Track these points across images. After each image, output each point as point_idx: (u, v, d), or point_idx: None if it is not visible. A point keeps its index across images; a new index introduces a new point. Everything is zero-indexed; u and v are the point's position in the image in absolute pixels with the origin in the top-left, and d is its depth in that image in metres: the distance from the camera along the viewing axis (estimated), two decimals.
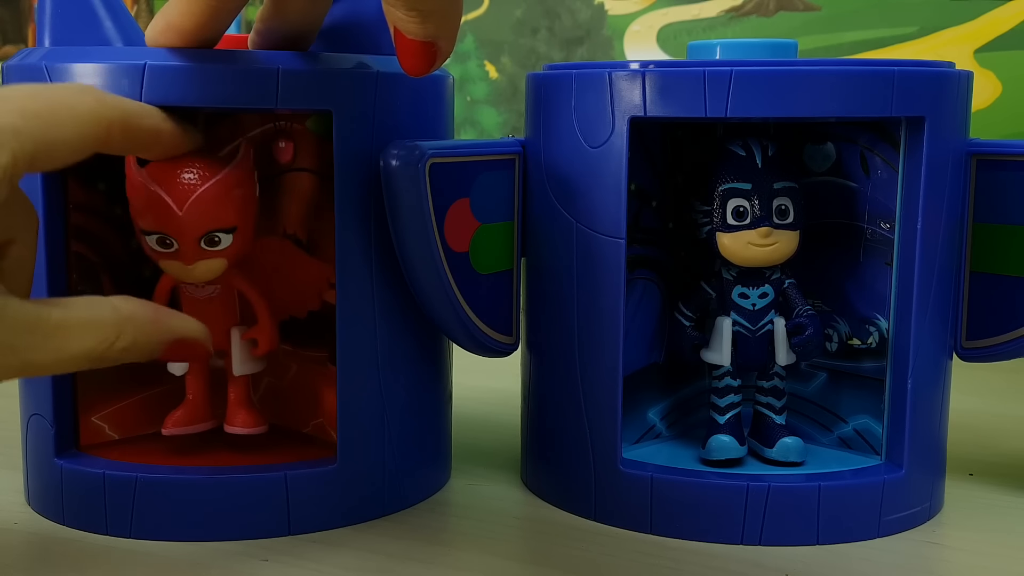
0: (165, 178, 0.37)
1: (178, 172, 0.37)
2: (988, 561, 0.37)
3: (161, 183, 0.37)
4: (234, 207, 0.37)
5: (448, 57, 0.34)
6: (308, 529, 0.39)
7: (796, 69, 0.37)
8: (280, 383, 0.45)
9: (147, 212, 0.37)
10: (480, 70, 0.90)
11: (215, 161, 0.37)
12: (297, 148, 0.43)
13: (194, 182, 0.37)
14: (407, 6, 0.32)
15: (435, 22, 0.32)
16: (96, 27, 0.40)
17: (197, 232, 0.37)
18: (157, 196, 0.36)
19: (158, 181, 0.37)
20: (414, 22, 0.32)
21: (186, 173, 0.37)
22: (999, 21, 0.75)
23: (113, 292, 0.40)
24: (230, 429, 0.41)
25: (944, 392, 0.41)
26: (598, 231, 0.39)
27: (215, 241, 0.37)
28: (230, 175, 0.37)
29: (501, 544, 0.38)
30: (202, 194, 0.37)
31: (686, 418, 0.46)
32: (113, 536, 0.38)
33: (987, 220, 0.40)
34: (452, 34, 0.33)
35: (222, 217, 0.37)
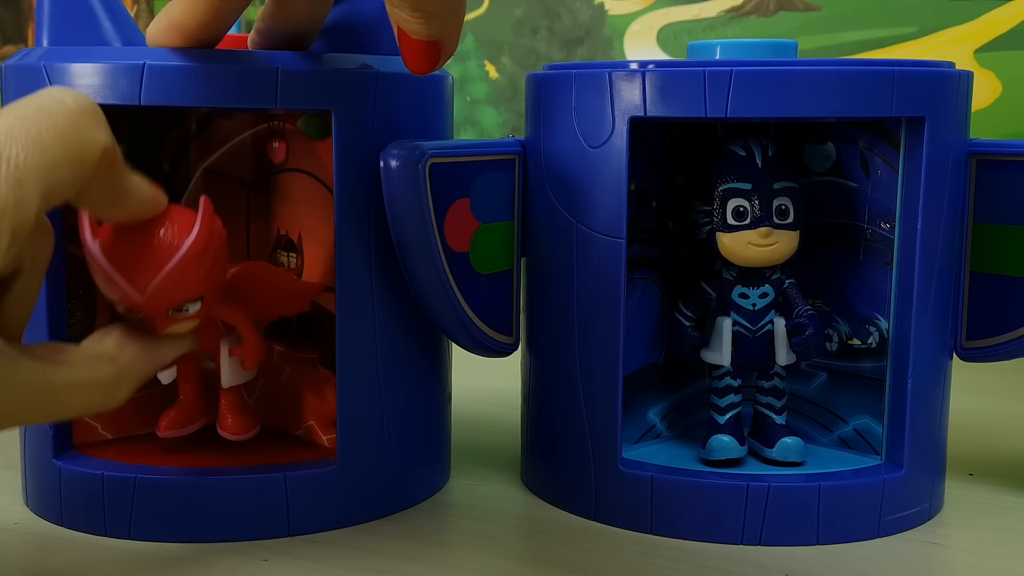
0: (122, 261, 0.33)
1: (135, 254, 0.33)
2: (988, 561, 0.37)
3: (119, 266, 0.33)
4: (199, 280, 0.34)
5: (452, 56, 0.34)
6: (308, 530, 0.39)
7: (796, 69, 0.36)
8: (275, 385, 0.45)
9: (107, 289, 0.34)
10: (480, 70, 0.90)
11: (173, 236, 0.34)
12: (289, 148, 0.43)
13: (149, 263, 0.33)
14: (412, 7, 0.32)
15: (439, 22, 0.32)
16: (94, 27, 0.40)
17: (161, 310, 0.34)
18: (115, 280, 0.33)
19: (115, 263, 0.33)
20: (419, 22, 0.32)
21: (140, 252, 0.33)
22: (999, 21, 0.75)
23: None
24: (222, 433, 0.41)
25: (944, 392, 0.41)
26: (598, 231, 0.39)
27: (183, 310, 0.35)
28: (191, 251, 0.34)
29: (501, 544, 0.38)
30: (163, 280, 0.33)
31: (686, 418, 0.46)
32: (112, 537, 0.38)
33: (987, 220, 0.40)
34: (456, 34, 0.33)
35: (186, 293, 0.34)
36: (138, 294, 0.33)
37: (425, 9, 0.32)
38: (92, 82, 0.36)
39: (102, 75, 0.36)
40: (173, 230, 0.34)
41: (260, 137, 0.44)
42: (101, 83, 0.36)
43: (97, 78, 0.36)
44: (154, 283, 0.33)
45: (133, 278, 0.33)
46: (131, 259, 0.33)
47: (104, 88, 0.36)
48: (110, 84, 0.36)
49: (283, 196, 0.43)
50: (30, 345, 0.31)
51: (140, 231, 0.33)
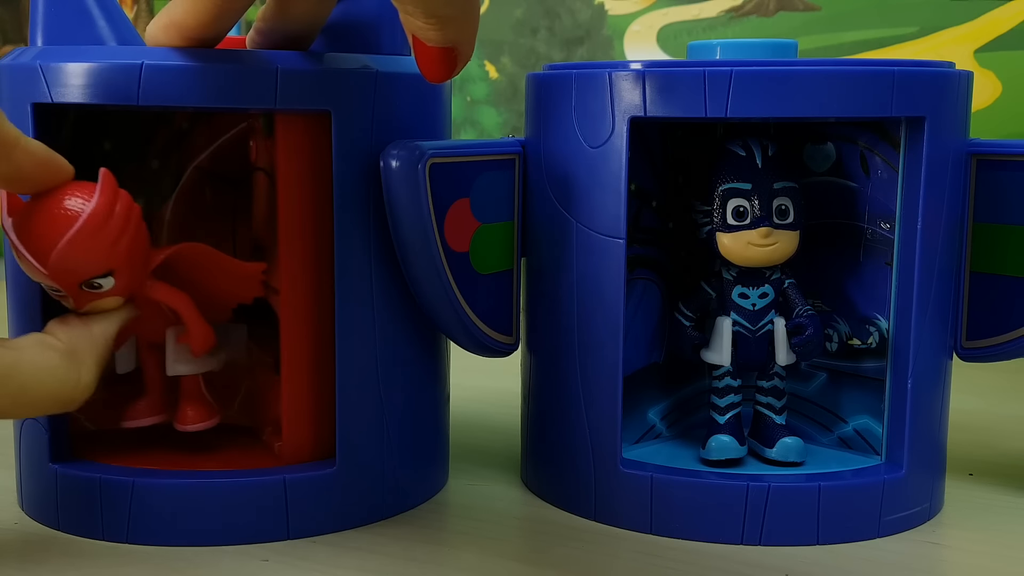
0: (25, 232, 0.34)
1: (36, 224, 0.34)
2: (988, 561, 0.37)
3: (22, 238, 0.34)
4: (102, 251, 0.34)
5: (468, 62, 0.34)
6: (307, 533, 0.39)
7: (796, 69, 0.36)
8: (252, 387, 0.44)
9: (21, 264, 0.35)
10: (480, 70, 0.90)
11: (73, 207, 0.34)
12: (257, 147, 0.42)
13: (51, 236, 0.34)
14: (426, 13, 0.31)
15: (454, 28, 0.32)
16: (89, 26, 0.39)
17: (70, 283, 0.35)
18: (21, 252, 0.34)
19: (19, 235, 0.34)
20: (433, 29, 0.32)
21: (43, 226, 0.34)
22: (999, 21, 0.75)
23: None
24: (178, 426, 0.41)
25: (944, 392, 0.41)
26: (598, 231, 0.39)
27: (96, 286, 0.35)
28: (89, 221, 0.34)
29: (501, 544, 0.38)
30: (60, 250, 0.34)
31: (686, 418, 0.46)
32: (109, 541, 0.38)
33: (987, 220, 0.40)
34: (471, 38, 0.33)
35: (91, 265, 0.35)
36: (41, 265, 0.34)
37: (439, 14, 0.31)
38: (89, 82, 0.36)
39: (99, 75, 0.36)
40: (75, 202, 0.34)
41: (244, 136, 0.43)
42: (98, 83, 0.36)
43: (94, 78, 0.36)
44: (54, 253, 0.34)
45: (36, 250, 0.34)
46: (36, 232, 0.34)
47: (101, 88, 0.36)
48: (107, 84, 0.35)
49: (255, 197, 0.43)
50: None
51: (46, 206, 0.34)
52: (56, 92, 0.36)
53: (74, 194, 0.34)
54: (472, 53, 0.33)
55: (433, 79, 0.33)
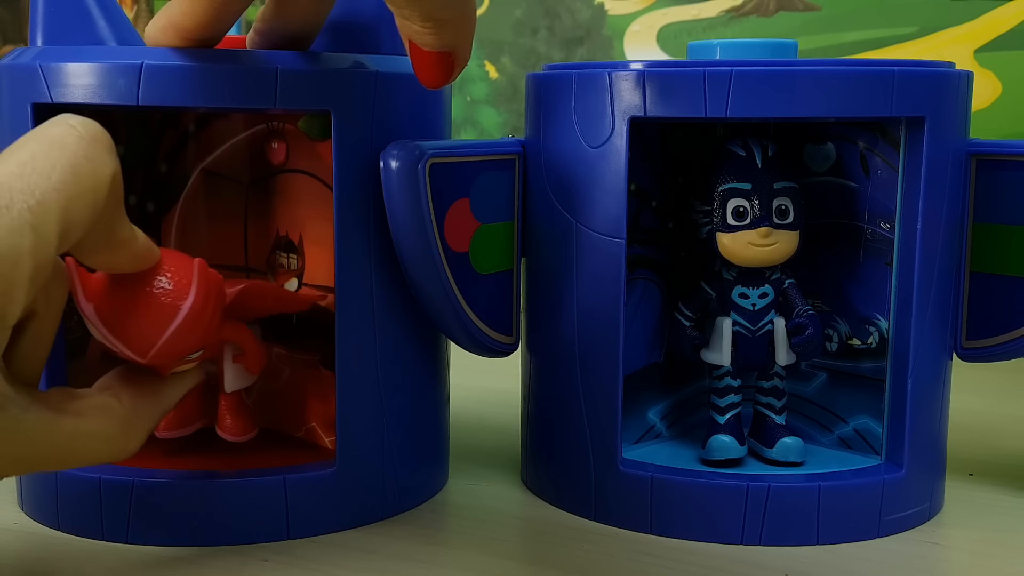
0: (119, 325, 0.32)
1: (127, 313, 0.32)
2: (988, 561, 0.37)
3: (118, 334, 0.32)
4: (199, 336, 0.34)
5: (465, 66, 0.34)
6: (307, 533, 0.39)
7: (796, 69, 0.36)
8: (273, 387, 0.45)
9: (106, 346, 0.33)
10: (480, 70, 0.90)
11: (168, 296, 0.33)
12: (290, 149, 0.43)
13: (148, 328, 0.32)
14: (422, 17, 0.31)
15: (451, 32, 0.32)
16: (89, 26, 0.39)
17: (164, 368, 0.34)
18: (111, 342, 0.33)
19: (111, 328, 0.32)
20: (430, 33, 0.32)
21: (137, 316, 0.32)
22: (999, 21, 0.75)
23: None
24: (221, 434, 0.41)
25: (944, 392, 0.41)
26: (598, 231, 0.39)
27: (187, 360, 0.35)
28: (190, 314, 0.33)
29: (501, 544, 0.38)
30: (162, 345, 0.33)
31: (686, 418, 0.46)
32: (109, 541, 0.38)
33: (987, 220, 0.40)
34: (468, 42, 0.33)
35: (188, 350, 0.34)
36: (139, 357, 0.33)
37: (436, 18, 0.31)
38: (89, 82, 0.36)
39: (99, 75, 0.36)
40: (169, 287, 0.33)
41: (258, 138, 0.44)
42: (98, 83, 0.36)
43: (94, 78, 0.36)
44: (154, 350, 0.33)
45: (132, 343, 0.33)
46: (128, 323, 0.32)
47: (101, 88, 0.36)
48: (108, 84, 0.35)
49: (283, 197, 0.43)
50: (42, 392, 0.31)
51: (134, 291, 0.32)
52: (56, 92, 0.36)
53: (168, 277, 0.33)
54: (469, 58, 0.33)
55: (430, 84, 0.33)
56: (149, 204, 0.44)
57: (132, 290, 0.33)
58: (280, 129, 0.43)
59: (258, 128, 0.43)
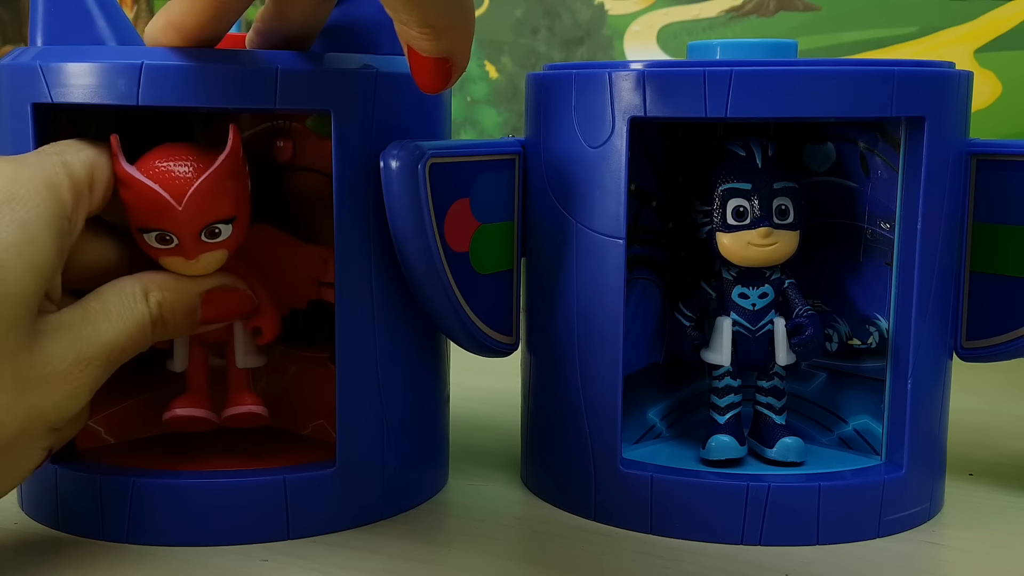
0: (159, 173, 0.36)
1: (171, 166, 0.36)
2: (988, 561, 0.37)
3: (156, 178, 0.36)
4: (231, 196, 0.37)
5: (464, 72, 0.34)
6: (307, 533, 0.39)
7: (796, 69, 0.36)
8: (278, 384, 0.45)
9: (143, 209, 0.36)
10: (480, 70, 0.90)
11: (207, 152, 0.37)
12: (297, 147, 0.43)
13: (189, 175, 0.36)
14: (420, 23, 0.31)
15: (449, 38, 0.32)
16: (89, 26, 0.39)
17: (198, 225, 0.36)
18: (153, 192, 0.36)
19: (152, 176, 0.36)
20: (428, 39, 0.32)
21: (180, 166, 0.36)
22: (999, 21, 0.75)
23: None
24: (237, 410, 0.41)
25: (944, 392, 0.41)
26: (598, 231, 0.39)
27: (216, 233, 0.37)
28: (224, 165, 0.36)
29: (501, 544, 0.38)
30: (200, 186, 0.36)
31: (686, 418, 0.46)
32: (109, 541, 0.38)
33: (987, 220, 0.40)
34: (467, 49, 0.33)
35: (221, 208, 0.37)
36: (176, 203, 0.36)
37: (433, 24, 0.31)
38: (89, 82, 0.36)
39: (99, 75, 0.36)
40: (207, 154, 0.37)
41: (261, 136, 0.44)
42: (98, 83, 0.36)
43: (94, 78, 0.36)
44: (191, 190, 0.36)
45: (170, 188, 0.36)
46: (169, 176, 0.36)
47: (101, 88, 0.36)
48: (107, 84, 0.35)
49: (290, 195, 0.43)
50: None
51: (176, 155, 0.36)
52: (56, 92, 0.36)
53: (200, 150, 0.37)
54: (467, 64, 0.33)
55: (428, 89, 0.33)
56: None
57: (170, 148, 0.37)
58: (286, 127, 0.43)
59: (261, 127, 0.43)
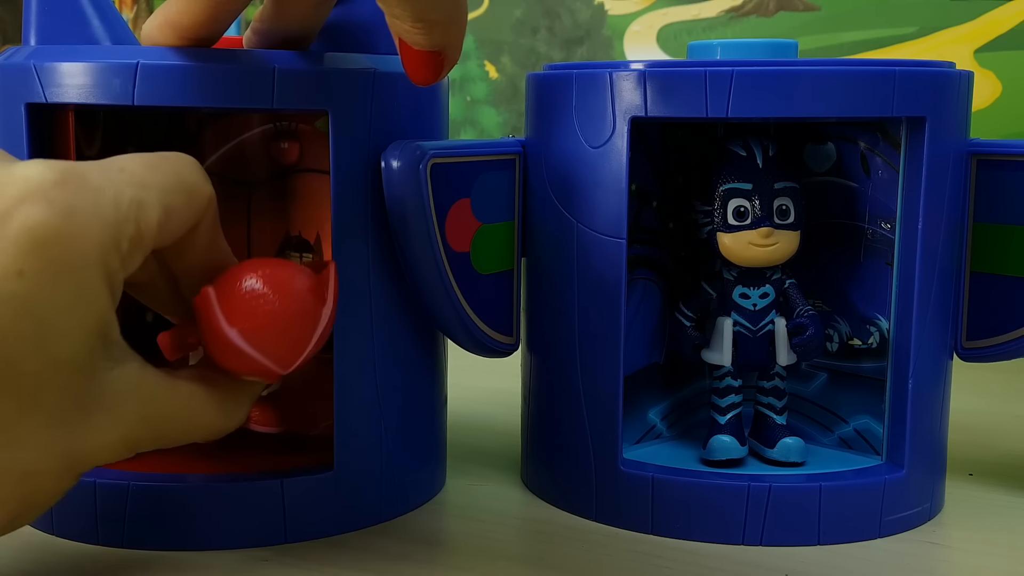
0: (265, 342, 0.33)
1: (279, 332, 0.33)
2: (988, 561, 0.37)
3: (262, 349, 0.33)
4: (329, 335, 0.35)
5: (455, 65, 0.34)
6: (305, 537, 0.38)
7: (797, 69, 0.36)
8: (290, 385, 0.44)
9: (241, 367, 0.33)
10: (480, 70, 0.90)
11: (312, 302, 0.33)
12: (304, 149, 0.42)
13: (291, 340, 0.33)
14: (412, 17, 0.31)
15: (441, 31, 0.32)
16: (83, 25, 0.39)
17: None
18: (255, 360, 0.33)
19: (257, 346, 0.32)
20: (420, 33, 0.32)
21: (281, 329, 0.33)
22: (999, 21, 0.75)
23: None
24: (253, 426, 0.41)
25: (944, 392, 0.41)
26: (599, 231, 0.39)
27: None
28: (332, 317, 0.34)
29: (501, 544, 0.38)
30: (308, 353, 0.33)
31: (687, 418, 0.45)
32: (105, 546, 0.38)
33: (987, 220, 0.40)
34: (458, 42, 0.33)
35: (319, 350, 0.34)
36: (282, 370, 0.33)
37: (426, 19, 0.31)
38: (84, 81, 0.35)
39: (94, 74, 0.35)
40: (313, 305, 0.33)
41: (264, 138, 0.43)
42: (93, 83, 0.35)
43: (89, 77, 0.35)
44: (301, 359, 0.33)
45: (276, 358, 0.33)
46: (271, 336, 0.33)
47: (97, 88, 0.35)
48: (103, 84, 0.35)
49: (297, 197, 0.43)
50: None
51: (279, 306, 0.33)
52: (50, 92, 0.36)
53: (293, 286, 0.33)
54: (459, 57, 0.34)
55: (419, 82, 0.34)
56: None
57: (275, 302, 0.33)
58: (292, 129, 0.42)
59: (264, 128, 0.43)
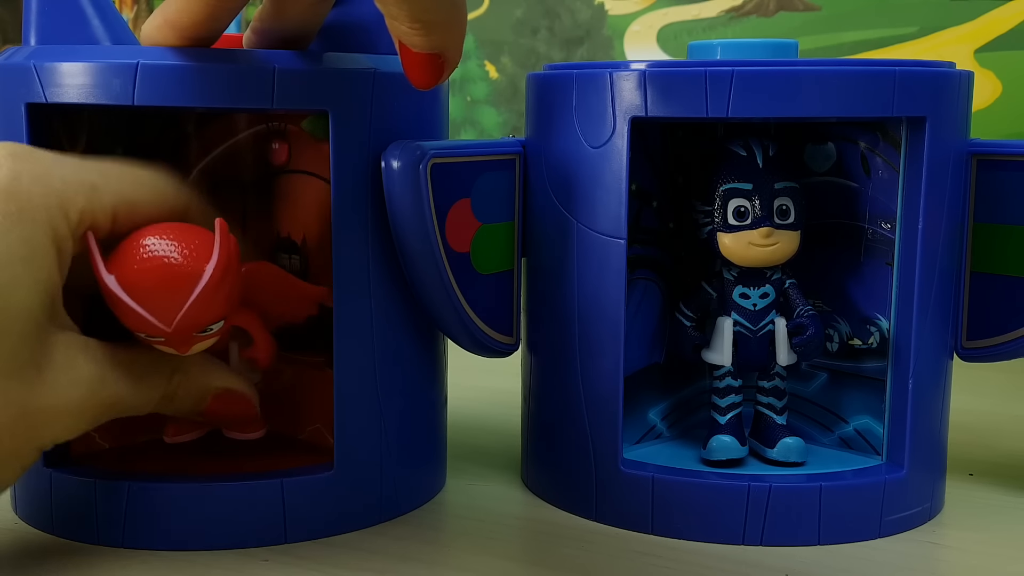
0: (143, 292, 0.33)
1: (156, 283, 0.33)
2: (988, 561, 0.37)
3: (141, 299, 0.33)
4: (222, 302, 0.34)
5: (455, 68, 0.34)
6: (305, 537, 0.38)
7: (797, 69, 0.36)
8: (272, 388, 0.44)
9: (128, 321, 0.34)
10: (480, 70, 0.90)
11: (195, 257, 0.33)
12: (292, 150, 0.42)
13: (171, 294, 0.33)
14: (411, 18, 0.31)
15: (440, 33, 0.32)
16: (83, 25, 0.39)
17: (186, 336, 0.34)
18: (138, 313, 0.33)
19: (136, 296, 0.33)
20: (419, 34, 0.32)
21: (160, 283, 0.33)
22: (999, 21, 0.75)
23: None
24: (228, 433, 0.41)
25: (945, 392, 0.41)
26: (599, 231, 0.39)
27: (207, 330, 0.35)
28: (213, 277, 0.33)
29: (501, 544, 0.38)
30: (188, 309, 0.33)
31: (687, 418, 0.45)
32: (104, 545, 0.38)
33: (987, 220, 0.40)
34: (458, 44, 0.33)
35: (211, 317, 0.34)
36: (164, 326, 0.33)
37: (425, 20, 0.31)
38: (84, 82, 0.35)
39: (94, 74, 0.35)
40: (189, 253, 0.33)
41: (258, 138, 0.43)
42: (93, 83, 0.35)
43: (89, 77, 0.35)
44: (180, 314, 0.33)
45: (156, 311, 0.33)
46: (151, 291, 0.33)
47: (96, 88, 0.35)
48: (102, 84, 0.35)
49: (285, 198, 0.43)
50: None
51: (156, 261, 0.33)
52: (50, 92, 0.36)
53: (186, 245, 0.33)
54: (459, 60, 0.33)
55: (419, 85, 0.33)
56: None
57: (154, 258, 0.33)
58: (282, 129, 0.42)
59: (257, 129, 0.43)
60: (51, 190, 0.33)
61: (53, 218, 0.32)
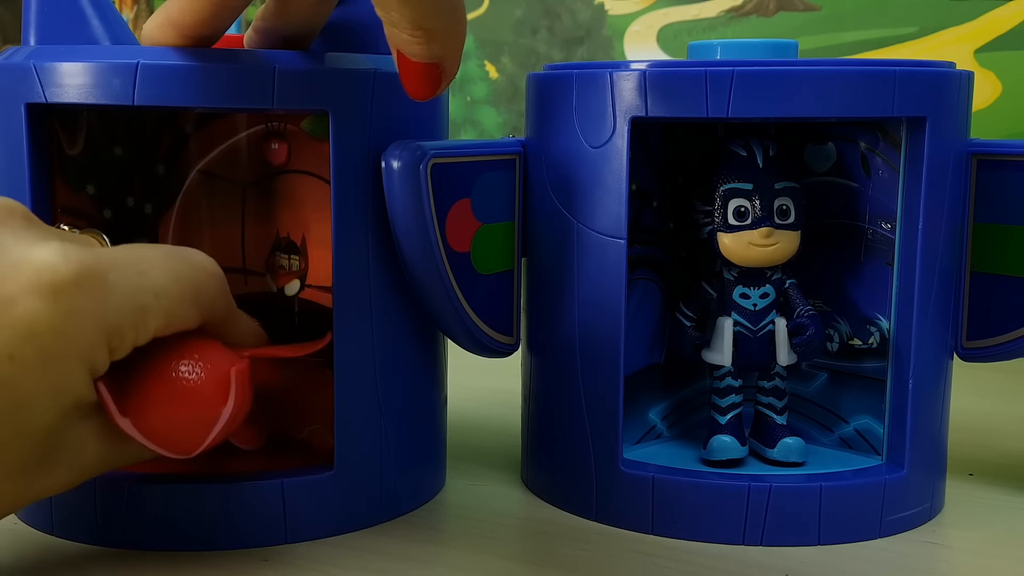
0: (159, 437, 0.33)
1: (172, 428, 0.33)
2: (988, 561, 0.37)
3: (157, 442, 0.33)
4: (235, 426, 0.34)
5: (453, 79, 0.33)
6: (305, 537, 0.38)
7: (797, 69, 0.36)
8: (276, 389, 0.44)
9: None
10: (480, 70, 0.90)
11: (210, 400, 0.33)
12: (292, 150, 0.43)
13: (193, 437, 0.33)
14: (413, 25, 0.31)
15: (439, 42, 0.32)
16: (83, 25, 0.39)
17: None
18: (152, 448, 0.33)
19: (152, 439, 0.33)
20: (418, 43, 0.31)
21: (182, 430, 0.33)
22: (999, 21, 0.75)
23: None
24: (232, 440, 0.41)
25: (945, 392, 0.41)
26: (599, 231, 0.39)
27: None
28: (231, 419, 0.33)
29: (501, 544, 0.38)
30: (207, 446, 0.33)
31: (687, 418, 0.45)
32: (104, 546, 0.38)
33: (987, 220, 0.40)
34: (457, 54, 0.33)
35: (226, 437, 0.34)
36: (181, 456, 0.33)
37: (426, 27, 0.31)
38: (84, 81, 0.35)
39: (94, 74, 0.35)
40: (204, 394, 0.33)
41: (257, 138, 0.43)
42: (93, 83, 0.35)
43: (89, 77, 0.35)
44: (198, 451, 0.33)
45: (172, 448, 0.33)
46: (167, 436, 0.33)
47: (96, 88, 0.35)
48: (103, 84, 0.35)
49: (285, 198, 0.43)
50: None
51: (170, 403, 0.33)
52: (50, 92, 0.36)
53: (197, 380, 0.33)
54: (457, 70, 0.33)
55: (417, 96, 0.33)
56: (147, 206, 0.44)
57: (169, 402, 0.33)
58: (281, 130, 0.43)
59: (256, 129, 0.43)
60: (102, 324, 0.30)
61: (95, 351, 0.31)
